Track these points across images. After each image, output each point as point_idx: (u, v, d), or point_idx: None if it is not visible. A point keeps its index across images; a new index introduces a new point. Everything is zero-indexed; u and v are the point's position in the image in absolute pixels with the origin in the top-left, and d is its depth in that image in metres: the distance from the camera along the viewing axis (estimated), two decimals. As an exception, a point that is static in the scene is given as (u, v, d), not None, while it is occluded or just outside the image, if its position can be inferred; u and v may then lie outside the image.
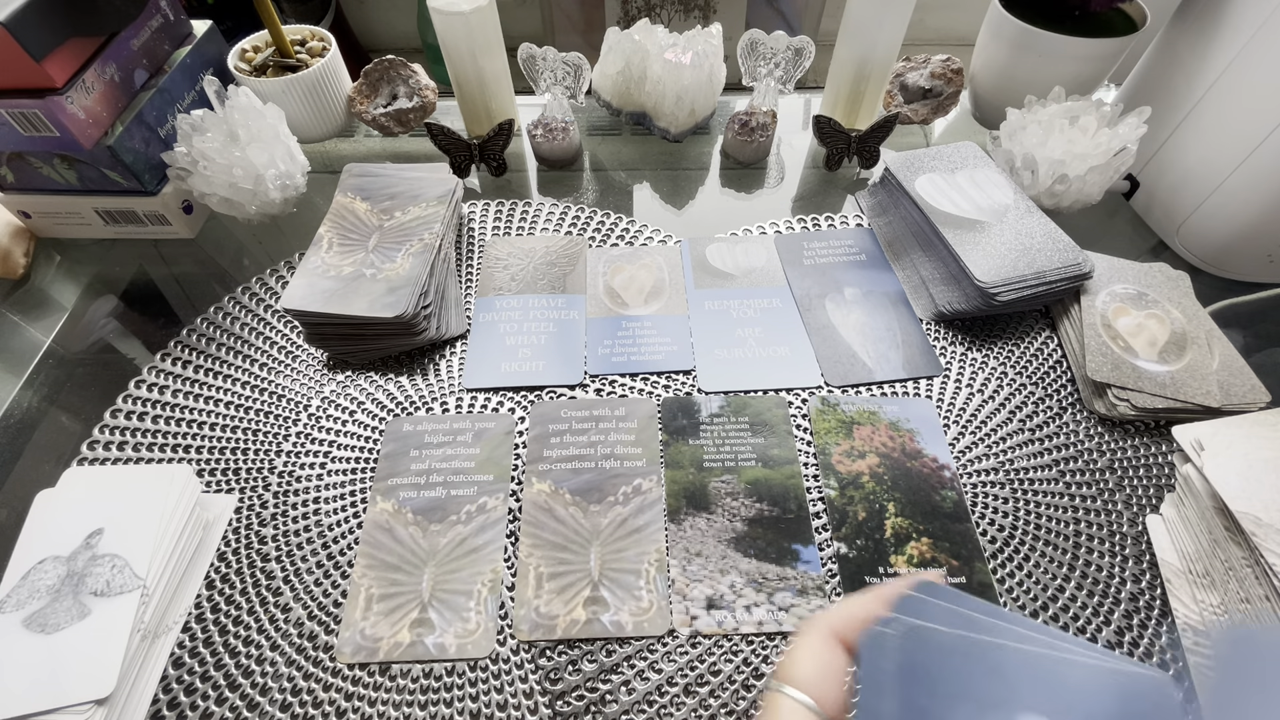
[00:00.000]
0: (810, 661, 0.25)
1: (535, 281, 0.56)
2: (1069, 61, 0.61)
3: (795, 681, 0.24)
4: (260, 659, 0.38)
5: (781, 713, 0.24)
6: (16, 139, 0.51)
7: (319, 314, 0.48)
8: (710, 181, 0.67)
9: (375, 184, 0.57)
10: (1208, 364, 0.48)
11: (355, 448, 0.47)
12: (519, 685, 0.37)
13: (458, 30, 0.59)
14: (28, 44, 0.46)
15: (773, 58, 0.64)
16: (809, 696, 0.24)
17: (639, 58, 0.64)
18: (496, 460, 0.46)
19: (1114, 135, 0.54)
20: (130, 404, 0.48)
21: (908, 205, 0.57)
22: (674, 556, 0.42)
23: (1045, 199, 0.57)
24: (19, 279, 0.58)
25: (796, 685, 0.24)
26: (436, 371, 0.51)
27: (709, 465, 0.46)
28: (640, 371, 0.51)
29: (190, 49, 0.60)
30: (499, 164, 0.64)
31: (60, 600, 0.37)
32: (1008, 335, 0.53)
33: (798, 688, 0.24)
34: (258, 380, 0.50)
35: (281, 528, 0.43)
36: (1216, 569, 0.39)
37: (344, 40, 0.77)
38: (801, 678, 0.24)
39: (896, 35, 0.61)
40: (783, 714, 0.24)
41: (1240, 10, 0.52)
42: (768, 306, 0.55)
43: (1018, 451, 0.47)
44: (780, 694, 0.24)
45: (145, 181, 0.56)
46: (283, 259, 0.57)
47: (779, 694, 0.24)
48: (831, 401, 0.49)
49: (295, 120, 0.63)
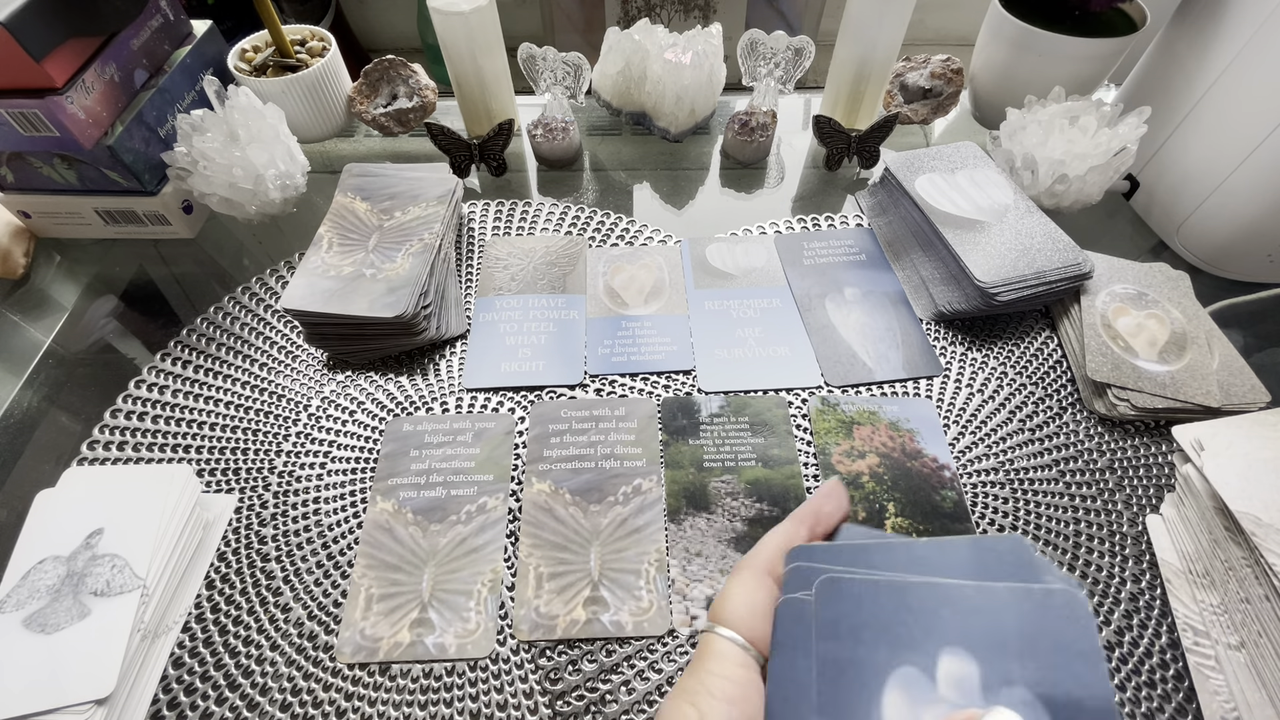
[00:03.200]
0: (742, 600, 0.25)
1: (535, 281, 0.56)
2: (1069, 61, 0.61)
3: (727, 621, 0.25)
4: (260, 659, 0.38)
5: (714, 654, 0.24)
6: (16, 139, 0.51)
7: (319, 314, 0.48)
8: (710, 181, 0.67)
9: (375, 184, 0.57)
10: (1208, 364, 0.48)
11: (355, 448, 0.47)
12: (519, 685, 0.37)
13: (458, 30, 0.59)
14: (28, 44, 0.46)
15: (773, 58, 0.64)
16: (741, 635, 0.24)
17: (639, 58, 0.64)
18: (496, 460, 0.46)
19: (1114, 135, 0.54)
20: (130, 404, 0.48)
21: (908, 205, 0.57)
22: (674, 556, 0.42)
23: (1045, 199, 0.57)
24: (19, 279, 0.58)
25: (729, 625, 0.25)
26: (436, 371, 0.51)
27: (709, 465, 0.46)
28: (640, 371, 0.51)
29: (190, 49, 0.60)
30: (499, 164, 0.64)
31: (60, 600, 0.37)
32: (1008, 335, 0.53)
33: (730, 627, 0.25)
34: (258, 380, 0.50)
35: (281, 528, 0.43)
36: (1216, 569, 0.39)
37: (344, 40, 0.77)
38: (733, 617, 0.25)
39: (896, 35, 0.61)
40: (715, 656, 0.24)
41: (1240, 10, 0.52)
42: (768, 306, 0.55)
43: (1018, 451, 0.47)
44: (713, 634, 0.25)
45: (145, 181, 0.56)
46: (283, 259, 0.57)
47: (711, 634, 0.25)
48: (831, 401, 0.49)
49: (295, 120, 0.63)
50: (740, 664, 0.24)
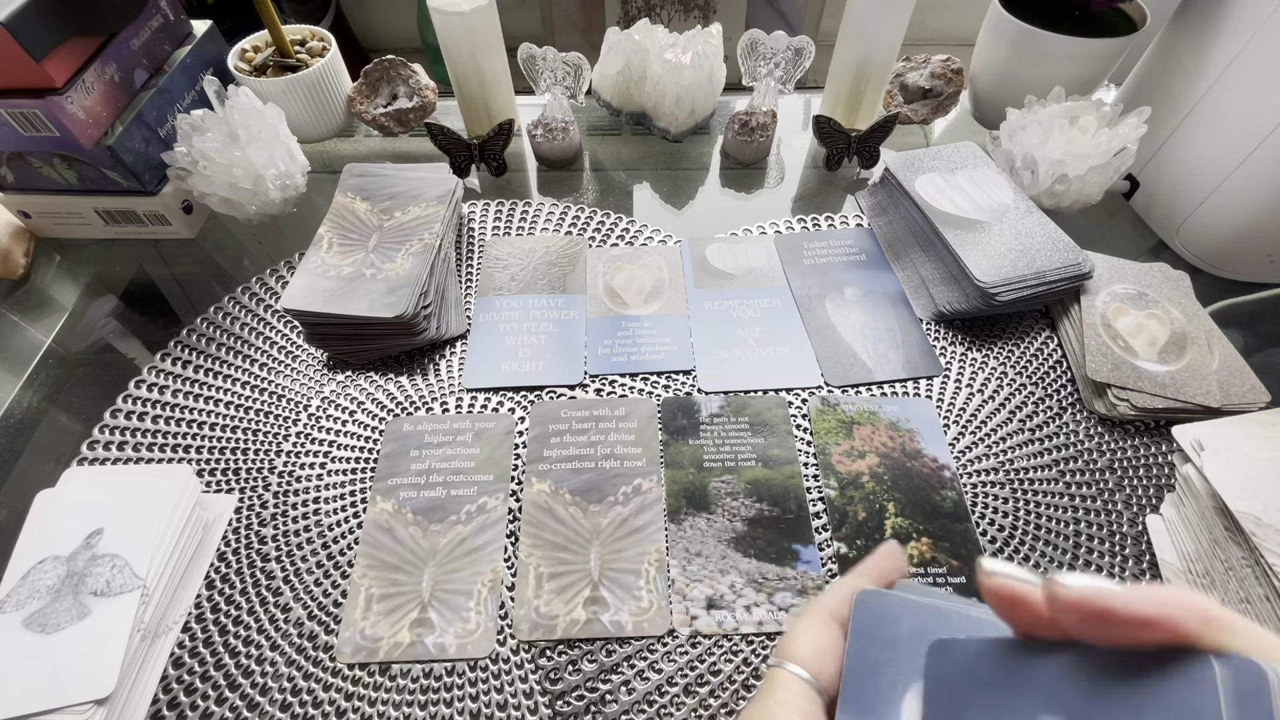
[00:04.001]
0: (808, 639, 0.26)
1: (535, 281, 0.56)
2: (1069, 61, 0.61)
3: (794, 658, 0.25)
4: (260, 659, 0.38)
5: (780, 686, 0.24)
6: (16, 139, 0.51)
7: (319, 314, 0.48)
8: (710, 181, 0.67)
9: (375, 184, 0.57)
10: (1208, 364, 0.48)
11: (355, 448, 0.47)
12: (519, 685, 0.37)
13: (458, 30, 0.59)
14: (28, 44, 0.46)
15: (773, 58, 0.64)
16: (807, 671, 0.24)
17: (639, 58, 0.64)
18: (496, 460, 0.46)
19: (1114, 135, 0.54)
20: (130, 404, 0.48)
21: (908, 205, 0.57)
22: (674, 556, 0.42)
23: (1045, 199, 0.57)
24: (19, 279, 0.58)
25: (795, 661, 0.25)
26: (436, 371, 0.51)
27: (709, 465, 0.46)
28: (640, 371, 0.51)
29: (190, 49, 0.60)
30: (499, 164, 0.64)
31: (60, 600, 0.37)
32: (1008, 335, 0.53)
33: (797, 664, 0.25)
34: (258, 380, 0.50)
35: (281, 528, 0.43)
36: (1216, 569, 0.39)
37: (344, 40, 0.77)
38: (800, 654, 0.25)
39: (896, 35, 0.61)
40: (782, 688, 0.24)
41: (1240, 10, 0.52)
42: (768, 306, 0.55)
43: (1018, 451, 0.47)
44: (780, 669, 0.25)
45: (145, 181, 0.56)
46: (283, 259, 0.57)
47: (779, 669, 0.25)
48: (831, 401, 0.49)
49: (295, 120, 0.63)
50: (806, 699, 0.24)
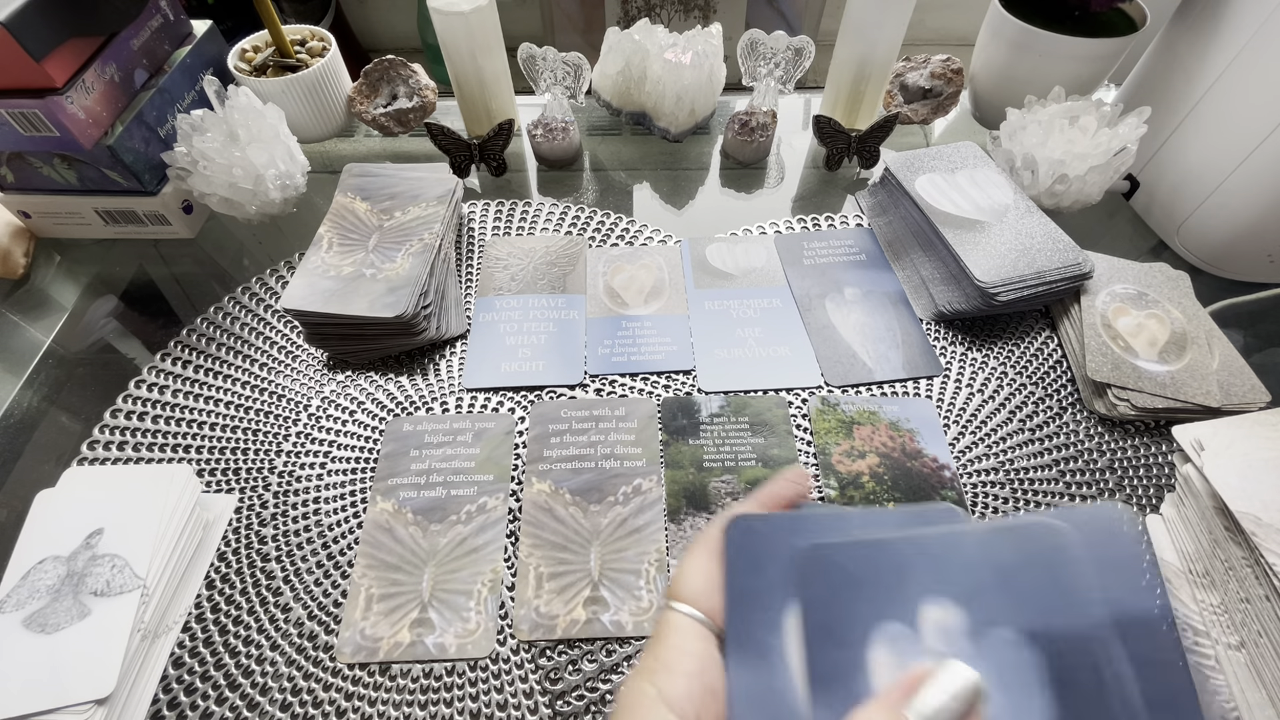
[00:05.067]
0: (696, 575, 0.25)
1: (535, 281, 0.56)
2: (1069, 61, 0.61)
3: (683, 596, 0.25)
4: (260, 659, 0.38)
5: (673, 629, 0.24)
6: (16, 139, 0.51)
7: (319, 314, 0.48)
8: (710, 181, 0.67)
9: (375, 184, 0.57)
10: (1208, 364, 0.47)
11: (355, 448, 0.47)
12: (519, 685, 0.37)
13: (458, 30, 0.59)
14: (28, 44, 0.46)
15: (773, 58, 0.64)
16: (699, 610, 0.24)
17: (639, 58, 0.64)
18: (496, 460, 0.46)
19: (1114, 135, 0.54)
20: (130, 404, 0.48)
21: (908, 205, 0.57)
22: (674, 556, 0.42)
23: (1045, 199, 0.57)
24: (19, 279, 0.58)
25: (685, 600, 0.25)
26: (436, 371, 0.51)
27: (709, 465, 0.46)
28: (640, 371, 0.51)
29: (190, 49, 0.60)
30: (499, 164, 0.64)
31: (60, 600, 0.37)
32: (1008, 335, 0.53)
33: (687, 603, 0.25)
34: (258, 380, 0.50)
35: (281, 528, 0.43)
36: (1216, 569, 0.39)
37: (344, 40, 0.77)
38: (688, 592, 0.25)
39: (896, 35, 0.61)
40: (674, 630, 0.24)
41: (1240, 10, 0.52)
42: (768, 306, 0.55)
43: (1018, 451, 0.47)
44: (671, 611, 0.25)
45: (145, 181, 0.56)
46: (283, 259, 0.57)
47: (670, 611, 0.25)
48: (831, 401, 0.49)
49: (295, 120, 0.63)
50: (698, 637, 0.24)
